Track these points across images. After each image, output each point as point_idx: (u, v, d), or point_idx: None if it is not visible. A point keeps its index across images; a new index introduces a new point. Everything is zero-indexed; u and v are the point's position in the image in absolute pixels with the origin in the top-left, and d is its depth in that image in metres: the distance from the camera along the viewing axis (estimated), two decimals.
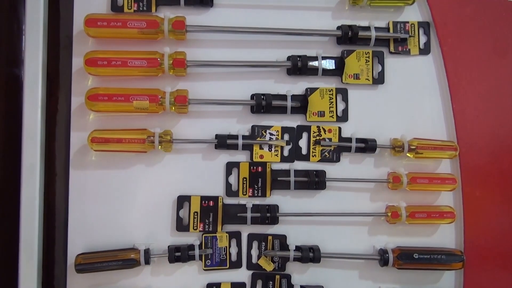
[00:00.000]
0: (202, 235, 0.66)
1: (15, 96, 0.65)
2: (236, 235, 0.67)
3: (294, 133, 0.69)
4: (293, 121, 0.69)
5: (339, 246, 0.68)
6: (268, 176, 0.67)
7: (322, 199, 0.68)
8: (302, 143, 0.69)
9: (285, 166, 0.68)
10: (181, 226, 0.66)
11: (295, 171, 0.68)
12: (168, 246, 0.65)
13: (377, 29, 0.69)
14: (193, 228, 0.66)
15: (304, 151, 0.69)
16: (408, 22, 0.71)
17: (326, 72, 0.69)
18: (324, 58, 0.69)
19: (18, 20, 0.66)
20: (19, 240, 0.62)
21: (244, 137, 0.67)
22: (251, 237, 0.67)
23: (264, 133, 0.68)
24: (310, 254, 0.65)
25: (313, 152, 0.69)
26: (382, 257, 0.66)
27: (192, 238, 0.66)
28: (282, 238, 0.67)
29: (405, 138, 0.68)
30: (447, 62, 0.70)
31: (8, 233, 0.64)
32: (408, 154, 0.68)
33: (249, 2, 0.69)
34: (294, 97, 0.68)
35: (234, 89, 0.68)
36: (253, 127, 0.68)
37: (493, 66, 0.71)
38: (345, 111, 0.70)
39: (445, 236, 0.70)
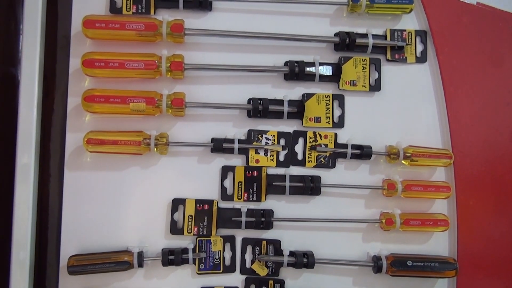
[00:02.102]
0: (196, 238, 0.66)
1: (11, 96, 0.65)
2: (230, 239, 0.67)
3: (290, 138, 0.69)
4: (290, 126, 0.69)
5: (333, 252, 0.68)
6: (263, 181, 0.67)
7: (317, 205, 0.68)
8: (298, 148, 0.69)
9: (280, 171, 0.68)
10: (175, 229, 0.66)
11: (291, 176, 0.68)
12: (162, 249, 0.65)
13: (375, 36, 0.70)
14: (187, 232, 0.66)
15: (300, 157, 0.69)
16: (405, 30, 0.71)
17: (323, 78, 0.69)
18: (321, 64, 0.69)
19: (15, 19, 0.66)
20: (11, 240, 0.62)
21: (240, 141, 0.67)
22: (245, 242, 0.67)
23: (260, 138, 0.68)
24: (304, 260, 0.65)
25: (308, 157, 0.69)
26: (376, 264, 0.66)
27: (186, 241, 0.66)
28: (276, 243, 0.67)
29: (401, 146, 0.68)
30: (443, 70, 0.71)
31: (0, 233, 0.64)
32: (403, 162, 0.68)
33: (248, 7, 0.69)
34: (290, 102, 0.68)
35: (231, 93, 0.68)
36: (249, 131, 0.68)
37: (489, 75, 0.72)
38: (341, 117, 0.70)
39: (438, 244, 0.70)
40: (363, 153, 0.68)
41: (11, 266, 0.62)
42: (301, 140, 0.69)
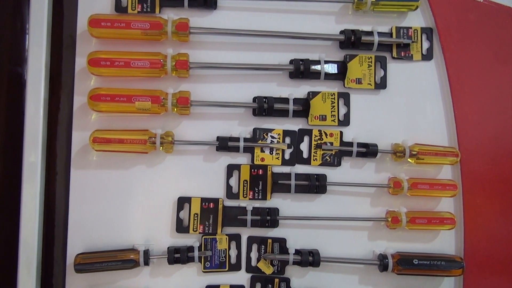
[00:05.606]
0: (202, 237, 0.66)
1: (18, 95, 0.65)
2: (236, 238, 0.67)
3: (296, 137, 0.69)
4: (295, 125, 0.69)
5: (339, 250, 0.68)
6: (268, 179, 0.67)
7: (323, 203, 0.68)
8: (303, 146, 0.69)
9: (286, 169, 0.68)
10: (181, 227, 0.66)
11: (296, 174, 0.67)
12: (168, 248, 0.65)
13: (380, 34, 0.70)
14: (193, 230, 0.66)
15: (305, 155, 0.69)
16: (411, 27, 0.71)
17: (329, 76, 0.69)
18: (326, 62, 0.69)
19: (22, 18, 0.66)
20: (18, 238, 0.62)
21: (245, 139, 0.67)
22: (251, 240, 0.67)
23: (265, 136, 0.68)
24: (310, 258, 0.65)
25: (314, 156, 0.69)
26: (382, 262, 0.66)
27: (191, 239, 0.66)
28: (281, 242, 0.67)
29: (407, 144, 0.68)
30: (449, 68, 0.70)
31: (8, 231, 0.64)
32: (409, 160, 0.68)
33: (253, 5, 0.69)
34: (296, 101, 0.68)
35: (236, 91, 0.68)
36: (254, 129, 0.68)
37: (495, 73, 0.71)
38: (347, 115, 0.70)
39: (445, 242, 0.70)
40: (368, 151, 0.67)
41: (19, 264, 0.62)
42: (306, 139, 0.69)
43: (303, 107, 0.68)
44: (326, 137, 0.69)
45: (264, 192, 0.67)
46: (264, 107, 0.67)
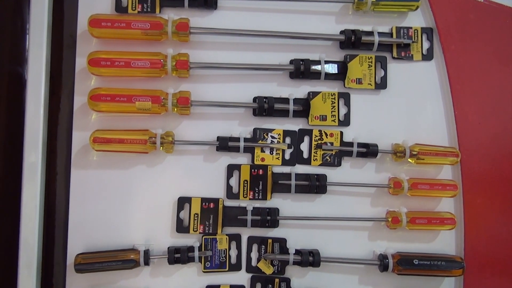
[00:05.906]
0: (202, 237, 0.66)
1: (18, 95, 0.65)
2: (236, 238, 0.67)
3: (296, 137, 0.69)
4: (295, 125, 0.69)
5: (339, 250, 0.68)
6: (269, 179, 0.67)
7: (323, 203, 0.68)
8: (304, 146, 0.69)
9: (286, 169, 0.68)
10: (181, 227, 0.66)
11: (296, 174, 0.67)
12: (168, 248, 0.65)
13: (380, 34, 0.70)
14: (193, 230, 0.66)
15: (305, 155, 0.69)
16: (411, 27, 0.71)
17: (329, 76, 0.69)
18: (327, 62, 0.69)
19: (22, 18, 0.66)
20: (19, 238, 0.62)
21: (245, 139, 0.67)
22: (251, 240, 0.67)
23: (265, 136, 0.68)
24: (310, 258, 0.65)
25: (314, 156, 0.69)
26: (382, 263, 0.66)
27: (192, 239, 0.66)
28: (282, 242, 0.67)
29: (407, 144, 0.68)
30: (449, 68, 0.70)
31: (8, 231, 0.64)
32: (409, 160, 0.68)
33: (253, 5, 0.69)
34: (296, 101, 0.68)
35: (237, 91, 0.68)
36: (255, 129, 0.68)
37: (496, 73, 0.71)
38: (347, 115, 0.70)
39: (445, 242, 0.70)
40: (369, 151, 0.67)
41: (19, 265, 0.62)
42: (306, 139, 0.69)
43: (303, 107, 0.68)
44: (326, 137, 0.69)
45: (264, 192, 0.67)
46: (265, 107, 0.67)
